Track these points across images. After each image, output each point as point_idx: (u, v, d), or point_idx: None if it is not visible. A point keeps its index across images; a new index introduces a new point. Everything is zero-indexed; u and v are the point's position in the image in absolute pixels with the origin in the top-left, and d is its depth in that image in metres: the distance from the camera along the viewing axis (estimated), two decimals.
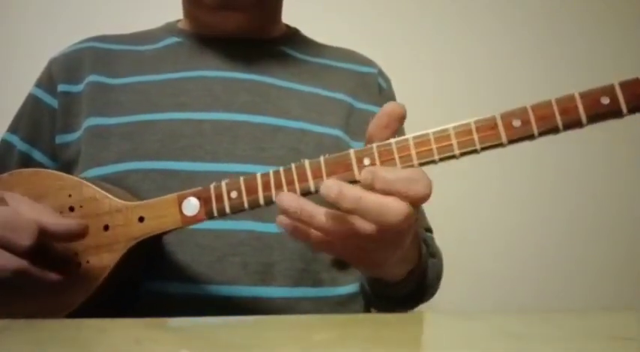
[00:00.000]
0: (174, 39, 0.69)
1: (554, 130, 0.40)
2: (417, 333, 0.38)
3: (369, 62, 0.76)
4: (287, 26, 0.76)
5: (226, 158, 0.58)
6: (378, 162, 0.42)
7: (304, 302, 0.57)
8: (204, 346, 0.34)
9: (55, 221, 0.44)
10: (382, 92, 0.73)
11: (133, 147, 0.58)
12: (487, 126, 0.41)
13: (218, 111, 0.61)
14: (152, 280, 0.54)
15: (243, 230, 0.56)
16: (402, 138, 0.42)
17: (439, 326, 0.42)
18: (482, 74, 1.16)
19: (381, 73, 0.76)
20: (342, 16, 1.13)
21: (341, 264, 0.63)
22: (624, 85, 0.39)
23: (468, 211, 0.76)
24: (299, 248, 0.58)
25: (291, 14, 0.76)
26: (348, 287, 0.62)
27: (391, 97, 0.75)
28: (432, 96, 1.14)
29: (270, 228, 0.56)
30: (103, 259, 0.48)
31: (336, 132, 0.64)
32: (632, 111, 0.39)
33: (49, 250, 0.46)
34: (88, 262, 0.48)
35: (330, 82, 0.69)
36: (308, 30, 0.78)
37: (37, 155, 0.64)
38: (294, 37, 0.74)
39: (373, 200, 0.39)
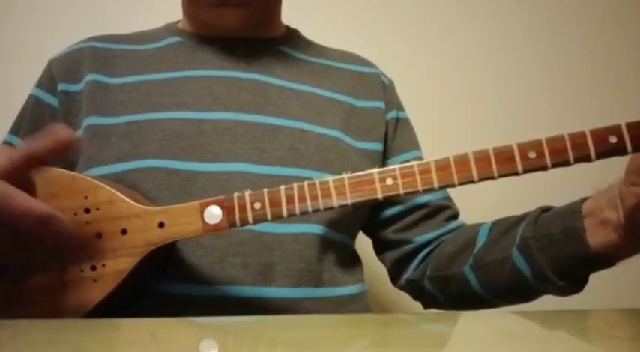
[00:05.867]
0: (175, 39, 0.69)
1: (566, 163, 0.43)
2: (418, 333, 0.38)
3: (369, 63, 0.76)
4: (287, 27, 0.76)
5: (227, 158, 0.59)
6: (400, 182, 0.45)
7: (305, 303, 0.57)
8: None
9: (30, 146, 0.42)
10: (386, 89, 0.73)
11: (133, 146, 0.58)
12: (505, 156, 0.44)
13: (218, 111, 0.61)
14: (153, 280, 0.54)
15: (244, 230, 0.56)
16: (424, 161, 0.45)
17: (440, 326, 0.42)
18: (483, 75, 1.16)
19: (383, 74, 0.76)
20: (342, 17, 1.13)
21: (342, 264, 0.63)
22: (630, 126, 0.42)
23: (469, 211, 0.76)
24: (299, 248, 0.58)
25: (292, 14, 0.76)
26: (349, 287, 0.62)
27: (395, 94, 0.75)
28: (432, 97, 1.14)
29: (271, 228, 0.57)
30: (119, 263, 0.47)
31: (336, 134, 0.64)
32: (635, 150, 0.43)
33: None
34: (103, 266, 0.48)
35: (329, 82, 0.69)
36: (307, 31, 0.78)
37: None
38: (294, 37, 0.75)
39: None
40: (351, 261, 0.66)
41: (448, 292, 0.63)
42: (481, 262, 0.59)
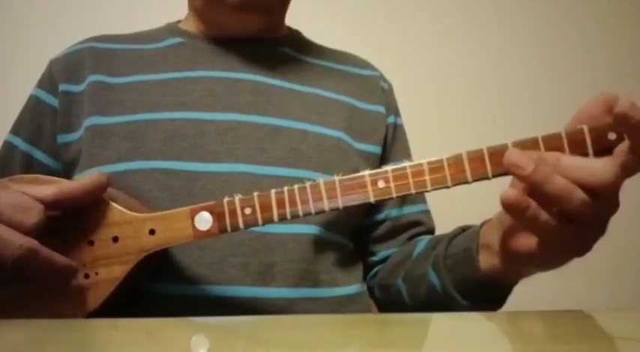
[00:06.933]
0: (176, 39, 0.69)
1: None
2: (417, 333, 0.38)
3: (370, 66, 0.76)
4: (289, 28, 0.76)
5: (228, 158, 0.59)
6: (392, 184, 0.44)
7: (304, 303, 0.57)
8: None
9: (75, 184, 0.46)
10: (385, 93, 0.74)
11: (134, 146, 0.58)
12: (500, 156, 0.42)
13: (220, 112, 0.61)
14: (152, 281, 0.54)
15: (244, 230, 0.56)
16: (417, 162, 0.44)
17: (439, 326, 0.42)
18: (483, 76, 1.16)
19: (382, 77, 0.76)
20: (342, 17, 1.13)
21: (341, 264, 0.63)
22: None
23: (468, 210, 0.76)
24: (299, 248, 0.58)
25: (292, 14, 0.76)
26: (349, 287, 0.62)
27: (393, 99, 0.76)
28: (433, 98, 1.14)
29: (271, 228, 0.56)
30: (112, 271, 0.47)
31: (338, 134, 0.64)
32: None
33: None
34: (97, 274, 0.48)
35: (331, 83, 0.69)
36: (308, 31, 0.78)
37: (39, 155, 0.64)
38: (295, 38, 0.75)
39: (573, 160, 0.39)
40: (350, 261, 0.66)
41: (388, 300, 0.66)
42: (409, 275, 0.61)
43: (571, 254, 0.44)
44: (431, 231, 0.72)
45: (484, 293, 0.52)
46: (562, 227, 0.41)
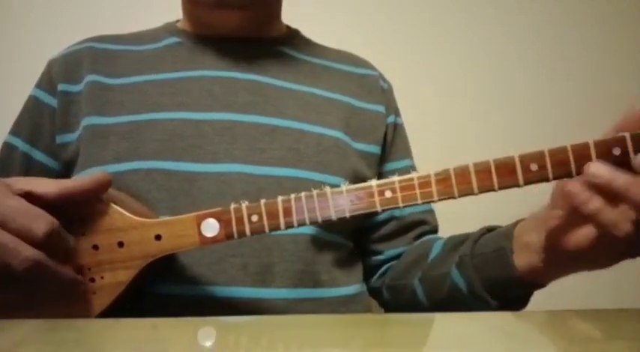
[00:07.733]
0: (174, 39, 0.69)
1: (568, 175, 0.42)
2: (417, 333, 0.38)
3: (369, 65, 0.76)
4: (288, 27, 0.76)
5: (226, 158, 0.58)
6: (399, 195, 0.44)
7: (304, 304, 0.57)
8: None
9: (77, 181, 0.47)
10: (385, 93, 0.74)
11: (132, 146, 0.58)
12: (506, 169, 0.43)
13: (218, 111, 0.61)
14: (152, 282, 0.54)
15: None
16: (424, 174, 0.44)
17: (440, 326, 0.42)
18: (483, 76, 1.16)
19: (381, 76, 0.76)
20: (342, 18, 1.13)
21: (341, 265, 0.63)
22: (634, 137, 0.41)
23: (469, 211, 0.76)
24: (298, 249, 0.58)
25: (292, 14, 0.76)
26: (349, 287, 0.62)
27: (393, 99, 0.76)
28: (433, 99, 1.14)
29: None
30: (118, 276, 0.48)
31: (336, 134, 0.64)
32: None
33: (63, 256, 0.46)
34: (102, 278, 0.48)
35: (329, 82, 0.69)
36: (308, 31, 0.78)
37: (38, 155, 0.64)
38: (294, 37, 0.74)
39: None
40: (350, 261, 0.66)
41: (400, 301, 0.65)
42: (427, 275, 0.61)
43: (626, 255, 0.44)
44: (435, 230, 0.72)
45: (513, 292, 0.52)
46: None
